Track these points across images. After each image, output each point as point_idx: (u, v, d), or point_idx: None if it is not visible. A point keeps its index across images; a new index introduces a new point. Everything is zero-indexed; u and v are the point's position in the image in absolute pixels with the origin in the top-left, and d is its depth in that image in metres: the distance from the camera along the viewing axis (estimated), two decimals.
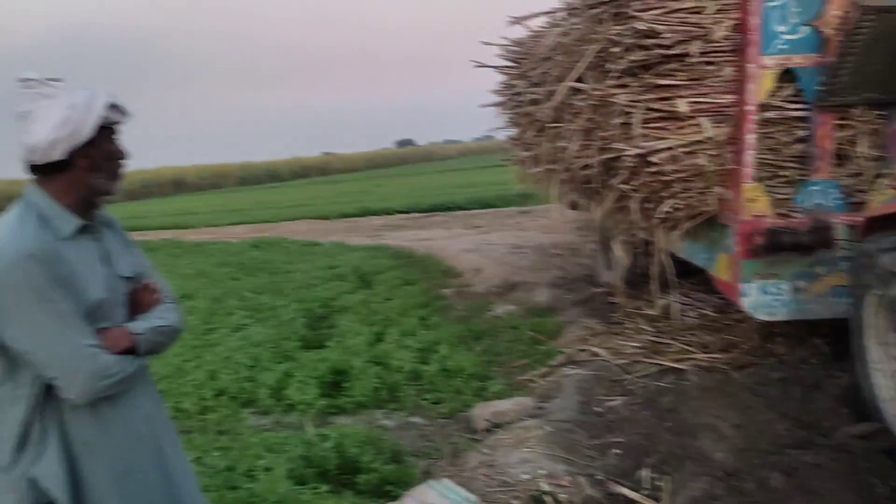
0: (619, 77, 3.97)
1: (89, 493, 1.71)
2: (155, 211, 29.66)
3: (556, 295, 6.70)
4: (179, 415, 4.59)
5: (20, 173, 1.77)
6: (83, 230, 1.77)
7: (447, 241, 11.55)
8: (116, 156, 1.83)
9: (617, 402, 3.99)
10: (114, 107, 1.77)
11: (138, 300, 1.89)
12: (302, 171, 70.48)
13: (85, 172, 1.74)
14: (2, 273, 1.60)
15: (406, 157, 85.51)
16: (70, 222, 1.73)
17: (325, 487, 3.18)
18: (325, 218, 18.56)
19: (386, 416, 4.46)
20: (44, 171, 1.72)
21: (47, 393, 1.68)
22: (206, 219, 21.77)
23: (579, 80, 4.47)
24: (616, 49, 3.91)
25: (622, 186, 4.22)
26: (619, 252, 5.15)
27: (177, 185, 56.97)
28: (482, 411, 4.15)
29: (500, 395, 4.48)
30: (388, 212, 18.19)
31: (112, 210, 1.99)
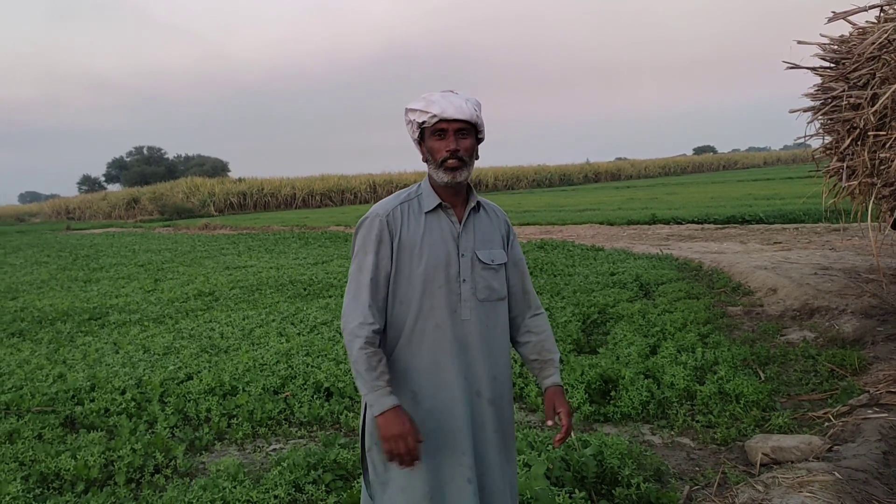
0: None
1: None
2: None
3: (866, 325, 5.87)
4: None
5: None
6: (441, 209, 2.17)
7: (740, 255, 10.74)
8: (434, 150, 2.14)
9: None
10: (412, 110, 2.14)
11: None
12: (594, 176, 70.63)
13: (427, 164, 2.18)
14: (360, 221, 2.18)
15: (703, 165, 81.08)
16: (433, 200, 2.16)
17: (580, 494, 3.17)
18: (612, 224, 18.39)
19: (653, 432, 4.31)
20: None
21: None
22: None
23: None
24: None
25: None
26: None
27: (476, 185, 60.65)
28: (761, 444, 3.80)
29: (783, 429, 4.07)
30: (678, 221, 17.45)
31: None
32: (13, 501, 3.55)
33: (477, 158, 2.24)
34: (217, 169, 75.32)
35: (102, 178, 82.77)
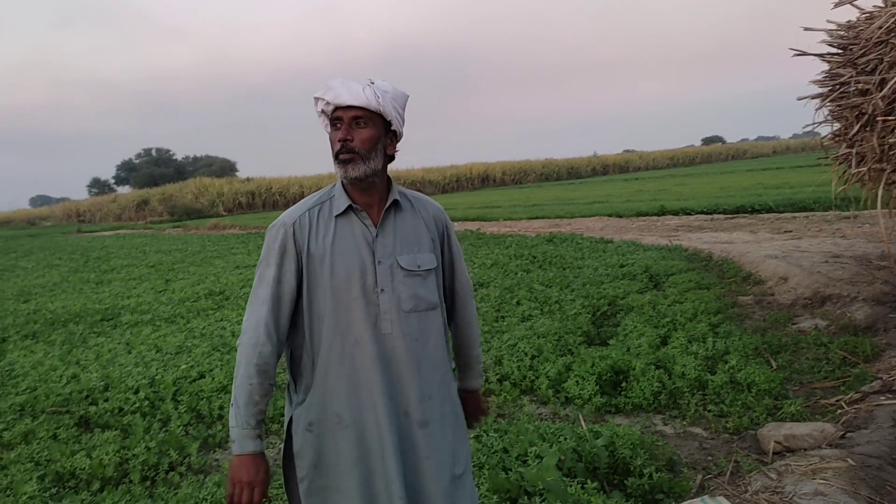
0: None
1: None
2: (463, 203, 31.92)
3: (878, 313, 5.84)
4: None
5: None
6: (353, 211, 1.96)
7: (751, 245, 10.68)
8: (331, 141, 1.95)
9: None
10: (316, 99, 1.94)
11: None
12: (602, 169, 70.45)
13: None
14: (268, 228, 1.99)
15: (712, 155, 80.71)
16: (343, 203, 1.97)
17: (592, 484, 3.17)
18: (621, 216, 18.34)
19: (664, 422, 4.30)
20: None
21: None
22: (506, 212, 22.84)
23: None
24: None
25: None
26: None
27: (484, 179, 60.56)
28: (773, 432, 3.79)
29: (796, 417, 4.06)
30: (688, 212, 17.38)
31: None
32: (29, 501, 3.59)
33: (391, 157, 2.00)
34: (225, 169, 75.59)
35: (112, 181, 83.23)
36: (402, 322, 1.94)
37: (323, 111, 1.94)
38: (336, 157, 1.91)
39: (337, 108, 1.90)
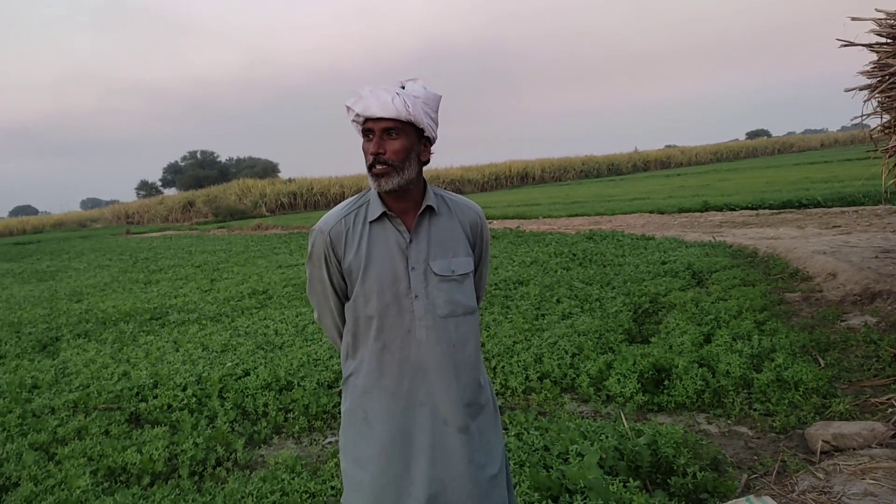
0: None
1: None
2: (502, 201, 31.82)
3: None
4: (506, 392, 4.93)
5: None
6: (387, 218, 1.98)
7: (798, 240, 10.45)
8: (364, 152, 1.95)
9: None
10: (348, 108, 1.92)
11: None
12: (643, 165, 69.55)
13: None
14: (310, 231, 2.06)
15: (757, 149, 79.01)
16: (377, 209, 1.98)
17: (634, 483, 3.15)
18: (662, 212, 18.09)
19: (708, 421, 4.25)
20: None
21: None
22: (546, 210, 22.71)
23: None
24: None
25: None
26: None
27: (523, 177, 60.27)
28: (821, 431, 3.71)
29: (845, 416, 3.97)
30: (732, 207, 17.06)
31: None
32: (83, 495, 3.71)
33: (426, 161, 1.99)
34: (268, 170, 76.67)
35: (159, 183, 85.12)
36: (438, 328, 1.94)
37: (354, 120, 1.94)
38: (369, 169, 1.92)
39: (367, 120, 1.89)
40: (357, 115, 1.89)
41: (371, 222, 1.97)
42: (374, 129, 1.89)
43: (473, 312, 2.04)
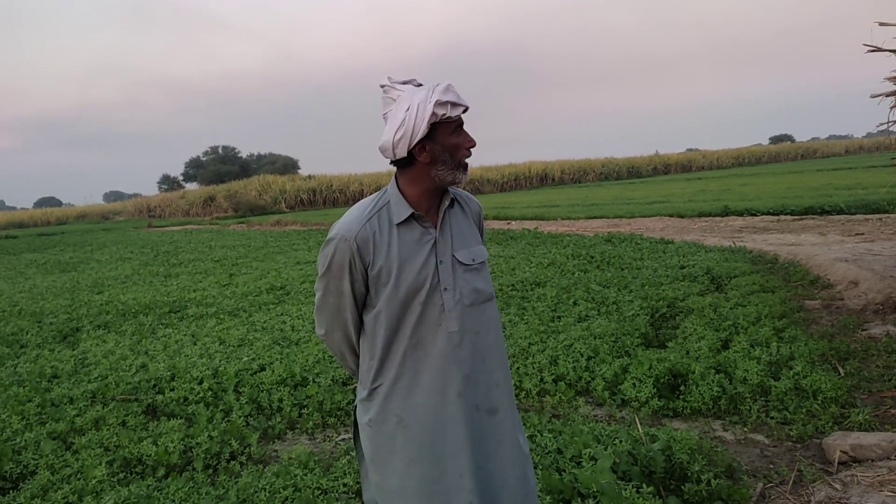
0: None
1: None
2: (521, 202, 31.73)
3: None
4: (520, 393, 4.91)
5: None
6: (414, 218, 1.98)
7: (819, 247, 10.32)
8: (457, 147, 1.95)
9: None
10: (444, 103, 1.87)
11: None
12: (663, 168, 69.09)
13: (426, 166, 1.95)
14: (326, 241, 1.98)
15: (780, 154, 78.15)
16: (404, 211, 1.97)
17: (648, 488, 3.13)
18: (682, 216, 17.95)
19: (724, 428, 4.20)
20: (397, 165, 2.00)
21: None
22: (565, 211, 22.62)
23: None
24: None
25: None
26: None
27: (542, 178, 60.08)
28: (839, 441, 3.66)
29: (864, 427, 3.92)
30: (753, 212, 16.89)
31: (483, 199, 2.18)
32: (98, 485, 3.76)
33: None
34: (288, 167, 77.10)
35: (181, 178, 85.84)
36: (465, 317, 1.99)
37: (448, 118, 1.91)
38: (460, 164, 1.97)
39: (461, 115, 1.94)
40: (466, 107, 1.92)
41: (398, 224, 1.97)
42: (462, 123, 1.96)
43: (492, 299, 2.11)
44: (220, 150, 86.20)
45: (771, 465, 3.65)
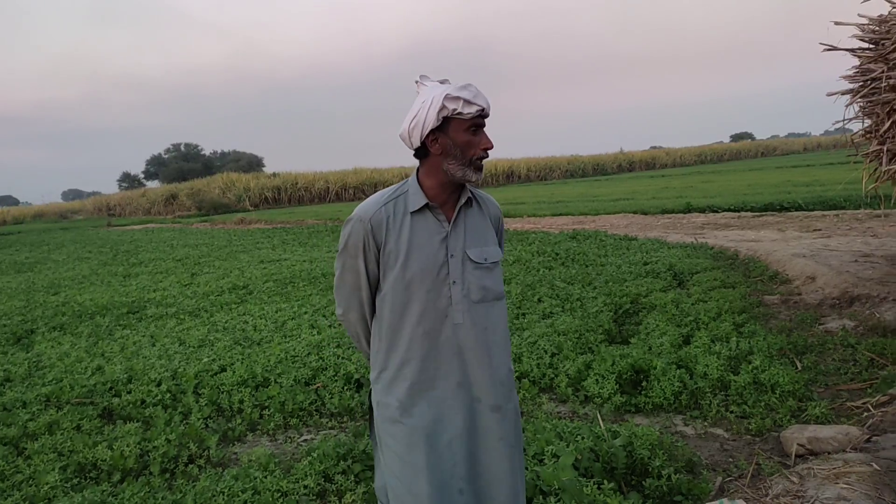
0: None
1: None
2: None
3: None
4: None
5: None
6: (429, 209, 2.05)
7: (778, 243, 10.52)
8: (469, 144, 2.00)
9: None
10: (456, 98, 1.94)
11: None
12: (628, 165, 69.92)
13: (439, 158, 2.02)
14: (346, 221, 2.09)
15: (741, 152, 79.61)
16: (420, 200, 2.04)
17: (609, 485, 3.13)
18: (646, 213, 18.17)
19: (685, 423, 4.24)
20: (418, 156, 2.08)
21: None
22: (530, 209, 22.73)
23: None
24: None
25: None
26: None
27: (508, 176, 60.34)
28: (796, 434, 3.72)
29: (820, 420, 3.98)
30: (714, 209, 17.17)
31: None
32: (51, 491, 3.64)
33: None
34: (252, 164, 76.24)
35: (142, 175, 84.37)
36: (472, 312, 2.05)
37: (460, 113, 1.95)
38: (472, 162, 2.01)
39: (480, 115, 1.98)
40: (479, 108, 1.96)
41: (412, 213, 2.04)
42: (482, 125, 2.01)
43: (502, 298, 2.16)
44: (182, 148, 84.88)
45: (730, 459, 3.69)
